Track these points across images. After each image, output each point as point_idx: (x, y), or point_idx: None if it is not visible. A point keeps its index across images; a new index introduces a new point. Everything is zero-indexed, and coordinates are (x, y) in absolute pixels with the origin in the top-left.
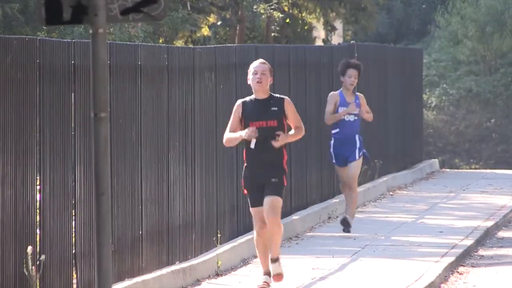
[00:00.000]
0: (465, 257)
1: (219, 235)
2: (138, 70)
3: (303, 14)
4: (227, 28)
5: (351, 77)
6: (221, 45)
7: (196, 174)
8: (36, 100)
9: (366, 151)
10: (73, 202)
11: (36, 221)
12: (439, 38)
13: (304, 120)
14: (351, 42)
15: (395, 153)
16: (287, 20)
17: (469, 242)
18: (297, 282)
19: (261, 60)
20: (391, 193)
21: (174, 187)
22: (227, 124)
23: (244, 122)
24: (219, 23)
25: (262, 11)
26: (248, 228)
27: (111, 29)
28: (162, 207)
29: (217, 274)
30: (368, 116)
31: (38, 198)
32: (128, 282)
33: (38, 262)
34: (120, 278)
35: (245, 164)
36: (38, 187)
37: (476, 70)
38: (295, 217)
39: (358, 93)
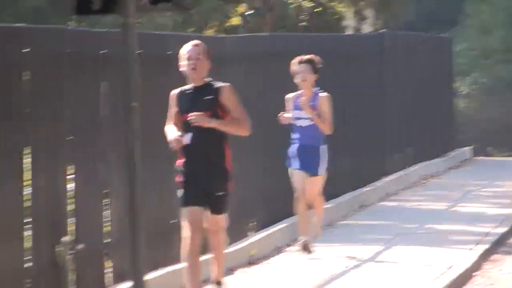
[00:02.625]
0: (499, 245)
1: (252, 224)
2: (168, 60)
3: (333, 3)
4: (258, 17)
5: (298, 74)
6: (251, 34)
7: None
8: (66, 89)
9: (327, 166)
10: (106, 191)
11: (70, 211)
12: (469, 27)
13: (335, 109)
14: (382, 30)
15: (427, 141)
16: (317, 9)
17: (502, 229)
18: (331, 271)
19: (193, 42)
20: (423, 181)
21: None
22: (259, 111)
23: (180, 114)
24: (249, 12)
25: (292, 0)
26: (282, 216)
27: (141, 19)
28: None
29: (250, 263)
30: (320, 123)
31: (71, 188)
32: (161, 271)
33: (72, 252)
34: (154, 267)
35: (183, 160)
36: (71, 177)
37: (507, 59)
38: (327, 205)
39: (322, 94)
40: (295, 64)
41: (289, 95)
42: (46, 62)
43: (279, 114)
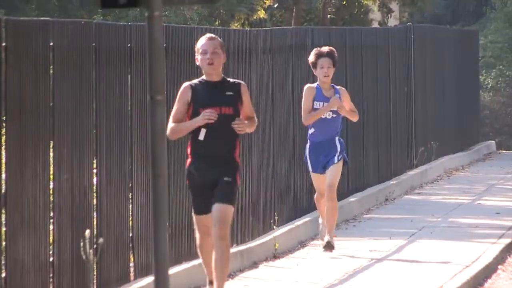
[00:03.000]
0: None
1: (276, 217)
2: (194, 53)
3: None
4: (283, 11)
5: (323, 68)
6: (277, 27)
7: (253, 156)
8: (92, 83)
9: (346, 156)
10: (130, 185)
11: (93, 205)
12: (495, 20)
13: (361, 102)
14: (408, 24)
15: (452, 135)
16: (344, 2)
17: None
18: (355, 264)
19: (209, 35)
20: (448, 174)
21: None
22: (285, 104)
23: (193, 109)
24: (275, 5)
25: None
26: (306, 210)
27: (167, 12)
28: None
29: (275, 257)
30: (352, 114)
31: (94, 182)
32: (185, 265)
33: (95, 246)
34: (177, 261)
35: (190, 159)
36: (94, 171)
37: None
38: (352, 199)
39: (338, 87)
40: (315, 56)
41: (309, 86)
42: (72, 55)
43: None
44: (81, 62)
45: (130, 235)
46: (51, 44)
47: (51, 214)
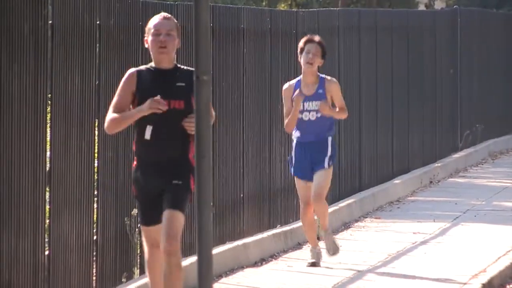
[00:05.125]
0: None
1: None
2: (240, 34)
3: None
4: None
5: (308, 53)
6: (324, 8)
7: None
8: (139, 62)
9: (335, 158)
10: None
11: None
12: None
13: (406, 85)
14: (454, 7)
15: (497, 118)
16: None
17: None
18: (399, 246)
19: (163, 14)
20: (492, 158)
21: (276, 150)
22: None
23: (138, 102)
24: None
25: None
26: (350, 192)
27: None
28: (263, 170)
29: (318, 238)
30: (336, 113)
31: None
32: (229, 245)
33: (139, 225)
34: (221, 241)
35: (135, 163)
36: None
37: None
38: (396, 181)
39: (328, 78)
40: (304, 41)
41: (287, 86)
42: (118, 34)
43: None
44: (128, 41)
45: None
46: (98, 22)
47: (95, 193)
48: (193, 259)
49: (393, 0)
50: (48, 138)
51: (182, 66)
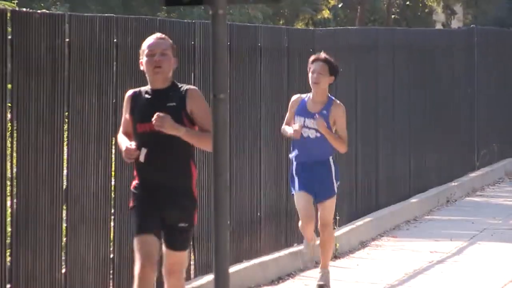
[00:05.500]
0: None
1: (337, 217)
2: (258, 52)
3: None
4: (348, 10)
5: (314, 73)
6: (341, 27)
7: None
8: None
9: (339, 180)
10: None
11: None
12: None
13: (423, 104)
14: (471, 26)
15: None
16: (408, 3)
17: None
18: (415, 265)
19: (157, 34)
20: (509, 177)
21: None
22: (350, 104)
23: (133, 123)
24: (339, 5)
25: None
26: (367, 210)
27: (231, 11)
28: (280, 189)
29: (335, 257)
30: (335, 140)
31: None
32: (245, 264)
33: None
34: (237, 260)
35: (136, 181)
36: None
37: None
38: (413, 200)
39: (337, 101)
40: (310, 60)
41: (296, 97)
42: (136, 52)
43: (294, 126)
44: None
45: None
46: (115, 40)
47: (112, 211)
48: (210, 277)
49: (410, 19)
50: (65, 156)
51: (179, 84)
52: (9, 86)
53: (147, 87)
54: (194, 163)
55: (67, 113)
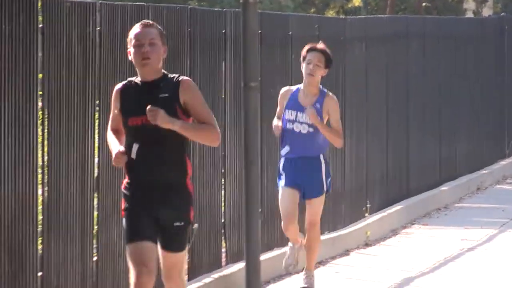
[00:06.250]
0: None
1: (368, 205)
2: (288, 40)
3: None
4: None
5: (309, 64)
6: (372, 15)
7: (346, 144)
8: (187, 68)
9: (330, 181)
10: (222, 171)
11: None
12: None
13: (453, 92)
14: (502, 14)
15: None
16: None
17: None
18: (446, 253)
19: (144, 21)
20: None
21: None
22: (380, 93)
23: (123, 117)
24: None
25: None
26: (398, 198)
27: None
28: None
29: (366, 244)
30: (330, 133)
31: None
32: (277, 251)
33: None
34: (269, 248)
35: (126, 180)
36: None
37: None
38: (444, 188)
39: (330, 93)
40: (306, 49)
41: (285, 89)
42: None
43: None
44: (176, 47)
45: (222, 220)
46: None
47: None
48: (241, 265)
49: (440, 7)
50: (96, 145)
51: (171, 75)
52: (40, 75)
53: (137, 79)
54: (189, 157)
55: (98, 102)
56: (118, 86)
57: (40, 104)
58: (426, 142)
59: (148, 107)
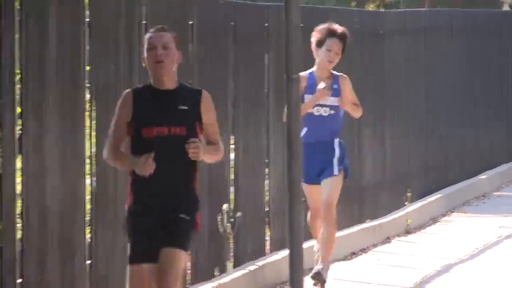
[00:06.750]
0: None
1: (408, 194)
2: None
3: None
4: None
5: (330, 51)
6: (411, 9)
7: (386, 134)
8: (231, 61)
9: (347, 164)
10: (266, 161)
11: (230, 180)
12: None
13: (493, 82)
14: None
15: None
16: None
17: None
18: (484, 240)
19: (158, 26)
20: None
21: (366, 146)
22: (421, 84)
23: (136, 129)
24: None
25: None
26: (438, 187)
27: None
28: (353, 166)
29: (407, 232)
30: (353, 108)
31: (231, 157)
32: None
33: (232, 220)
34: (311, 236)
35: (132, 197)
36: (232, 146)
37: None
38: (482, 176)
39: (340, 74)
40: (325, 33)
41: (302, 75)
42: (211, 34)
43: (309, 100)
44: (219, 41)
45: (266, 209)
46: (190, 22)
47: None
48: (285, 253)
49: (477, 0)
50: None
51: (185, 85)
52: (88, 67)
53: (147, 86)
54: (197, 168)
55: None
56: (128, 90)
57: (88, 96)
58: (464, 131)
59: (191, 142)
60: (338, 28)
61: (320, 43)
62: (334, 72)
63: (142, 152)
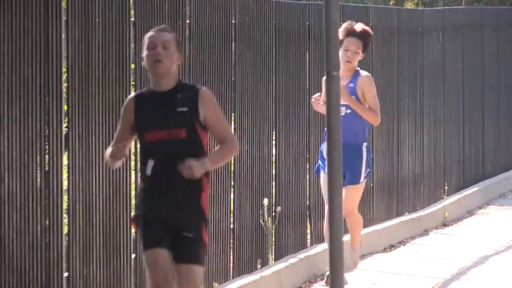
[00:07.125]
0: None
1: (446, 187)
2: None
3: None
4: None
5: (347, 51)
6: (448, 7)
7: (424, 128)
8: (272, 59)
9: (371, 168)
10: (307, 156)
11: (272, 174)
12: None
13: None
14: None
15: None
16: None
17: None
18: None
19: (160, 26)
20: None
21: (404, 141)
22: (457, 81)
23: (139, 134)
24: None
25: None
26: (475, 180)
27: None
28: (392, 160)
29: (444, 224)
30: (365, 111)
31: (273, 153)
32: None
33: (274, 214)
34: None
35: (142, 186)
36: (273, 142)
37: None
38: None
39: (363, 73)
40: (343, 33)
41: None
42: (253, 32)
43: (313, 97)
44: (261, 39)
45: (307, 203)
46: (233, 21)
47: (232, 184)
48: (325, 246)
49: None
50: None
51: (186, 83)
52: (133, 65)
53: (150, 89)
54: (207, 174)
55: None
56: (132, 95)
57: (132, 93)
58: (500, 126)
59: (186, 164)
60: (357, 26)
61: (340, 43)
62: (359, 70)
63: (146, 156)
